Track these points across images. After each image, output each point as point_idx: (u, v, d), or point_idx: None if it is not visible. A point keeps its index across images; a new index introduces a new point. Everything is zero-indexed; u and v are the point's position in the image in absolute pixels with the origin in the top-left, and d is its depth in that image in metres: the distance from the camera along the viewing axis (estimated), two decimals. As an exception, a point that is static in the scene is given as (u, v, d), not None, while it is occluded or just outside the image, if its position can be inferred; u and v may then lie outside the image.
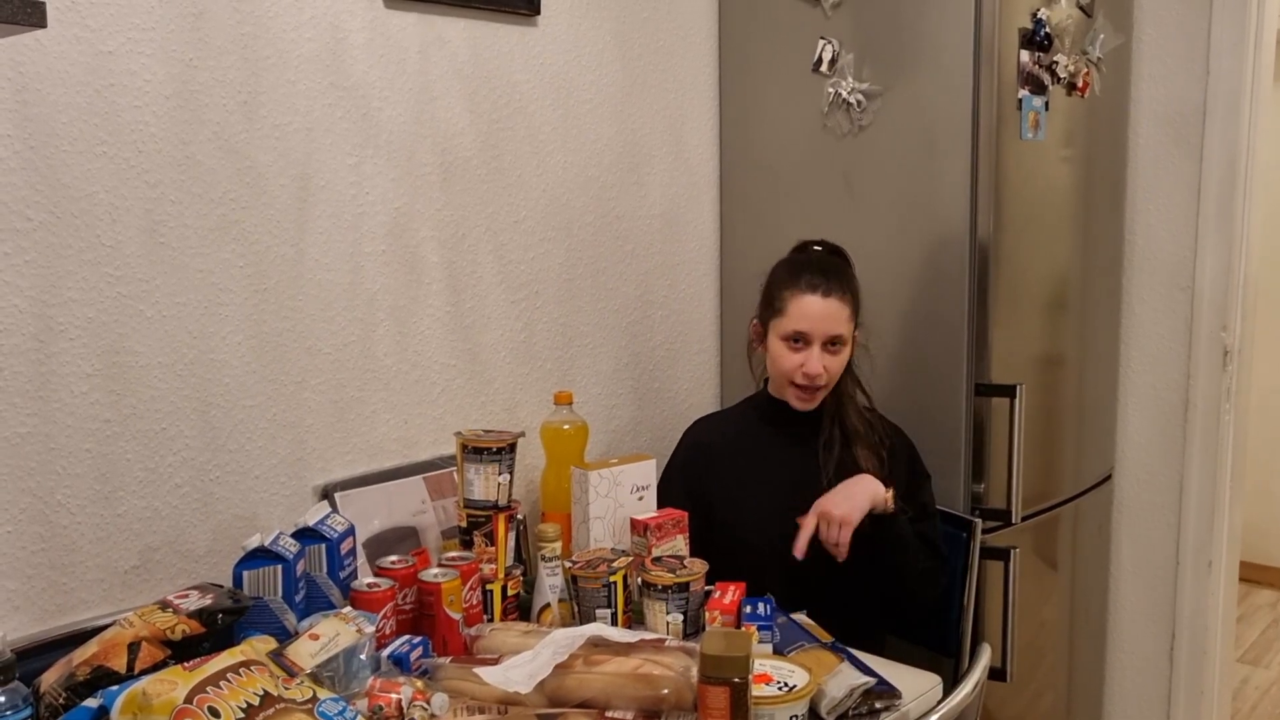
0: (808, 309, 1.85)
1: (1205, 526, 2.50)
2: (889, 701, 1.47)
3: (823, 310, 1.85)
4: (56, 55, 1.47)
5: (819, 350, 1.85)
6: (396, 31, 1.83)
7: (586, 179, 2.16)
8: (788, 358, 1.87)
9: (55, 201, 1.48)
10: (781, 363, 1.89)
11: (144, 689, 1.19)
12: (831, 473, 1.88)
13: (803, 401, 1.90)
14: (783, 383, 1.92)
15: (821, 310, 1.85)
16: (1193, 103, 2.42)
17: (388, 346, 1.87)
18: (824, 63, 2.20)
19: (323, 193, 1.76)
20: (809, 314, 1.85)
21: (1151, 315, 2.51)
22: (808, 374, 1.86)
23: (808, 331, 1.85)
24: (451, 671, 1.42)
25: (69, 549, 1.53)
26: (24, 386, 1.47)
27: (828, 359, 1.86)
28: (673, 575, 1.63)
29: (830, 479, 1.86)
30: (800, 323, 1.86)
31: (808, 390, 1.89)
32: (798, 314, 1.86)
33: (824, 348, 1.86)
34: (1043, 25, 2.08)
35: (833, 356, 1.87)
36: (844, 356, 1.89)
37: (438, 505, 1.90)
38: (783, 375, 1.90)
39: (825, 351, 1.86)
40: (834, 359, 1.87)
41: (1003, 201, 2.07)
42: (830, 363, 1.87)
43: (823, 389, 1.89)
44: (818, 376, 1.86)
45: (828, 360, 1.86)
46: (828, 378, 1.87)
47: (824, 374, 1.86)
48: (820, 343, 1.85)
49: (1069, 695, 2.48)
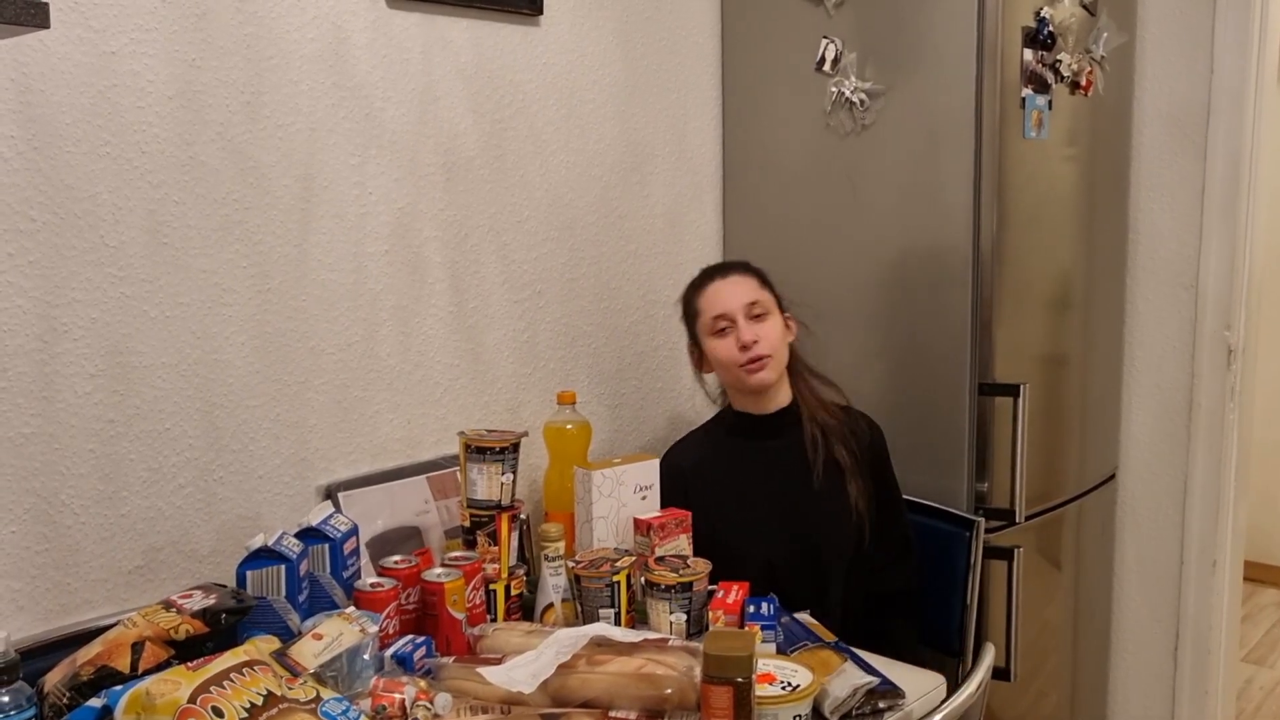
0: (717, 293, 1.92)
1: (1209, 526, 2.49)
2: (892, 701, 1.46)
3: (728, 288, 1.91)
4: (60, 56, 1.47)
5: (744, 320, 1.88)
6: (399, 32, 1.84)
7: (589, 179, 2.16)
8: (722, 345, 1.90)
9: (59, 202, 1.48)
10: (720, 353, 1.91)
11: (148, 689, 1.20)
12: (820, 470, 1.87)
13: (754, 374, 1.89)
14: (733, 377, 1.92)
15: (726, 288, 1.91)
16: (1197, 101, 2.42)
17: (391, 346, 1.88)
18: (827, 62, 2.20)
19: (326, 193, 1.77)
20: (719, 295, 1.91)
21: (1155, 314, 2.51)
22: (743, 344, 1.87)
23: (726, 310, 1.89)
24: (455, 671, 1.42)
25: (73, 549, 1.53)
26: (28, 387, 1.47)
27: (756, 326, 1.89)
28: (676, 575, 1.63)
29: (819, 475, 1.86)
30: (715, 307, 1.91)
31: (753, 363, 1.88)
32: (709, 303, 1.92)
33: (749, 319, 1.88)
34: (1046, 24, 2.08)
35: (760, 324, 1.89)
36: (774, 325, 1.90)
37: (441, 505, 1.90)
38: (728, 366, 1.91)
39: (751, 321, 1.89)
40: (763, 326, 1.89)
41: (1006, 200, 2.07)
42: (761, 329, 1.88)
43: (768, 357, 1.88)
44: (753, 343, 1.87)
45: (757, 327, 1.88)
46: (768, 344, 1.88)
47: (760, 340, 1.87)
48: (742, 315, 1.88)
49: (1073, 695, 2.48)
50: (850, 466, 1.88)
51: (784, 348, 1.92)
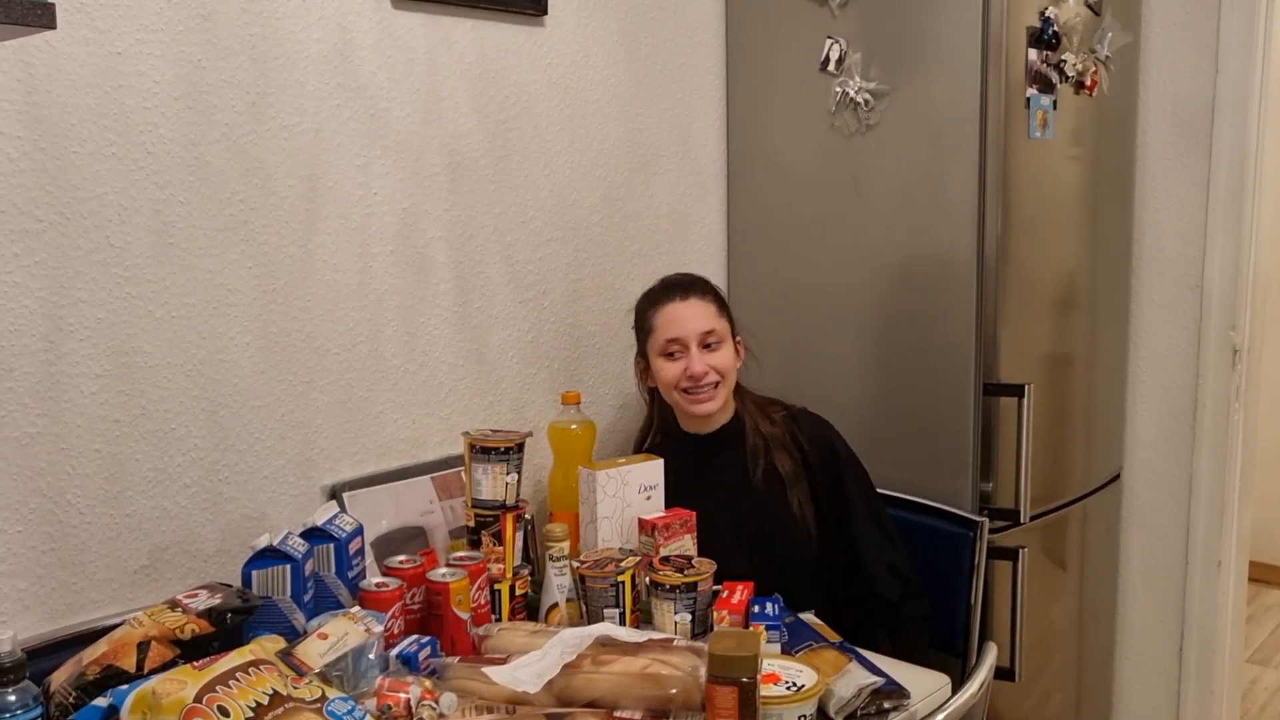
0: (673, 315, 1.89)
1: (1214, 526, 2.49)
2: (897, 701, 1.47)
3: (687, 311, 1.88)
4: (66, 57, 1.47)
5: (696, 350, 1.86)
6: (404, 32, 1.84)
7: (594, 179, 2.16)
8: (670, 368, 1.89)
9: (65, 203, 1.49)
10: (666, 375, 1.89)
11: (154, 688, 1.20)
12: (760, 480, 1.88)
13: (699, 403, 1.88)
14: (676, 399, 1.91)
15: (686, 312, 1.88)
16: (1202, 101, 2.41)
17: (396, 347, 1.88)
18: (831, 62, 2.20)
19: (331, 193, 1.77)
20: (676, 318, 1.88)
21: (1160, 314, 2.50)
22: (692, 375, 1.86)
23: (680, 335, 1.87)
24: (460, 671, 1.43)
25: (78, 548, 1.54)
26: (34, 387, 1.48)
27: (709, 356, 1.87)
28: (681, 575, 1.63)
29: (760, 485, 1.87)
30: (670, 330, 1.88)
31: (698, 391, 1.87)
32: (665, 323, 1.89)
33: (702, 349, 1.87)
34: (1051, 24, 2.08)
35: (713, 354, 1.87)
36: (726, 353, 1.89)
37: (445, 505, 1.91)
38: (671, 387, 1.90)
39: (704, 351, 1.87)
40: (716, 355, 1.87)
41: (1011, 200, 2.07)
42: (713, 359, 1.87)
43: (717, 386, 1.88)
44: (703, 375, 1.86)
45: (710, 358, 1.87)
46: (717, 374, 1.87)
47: (709, 370, 1.86)
48: (696, 343, 1.86)
49: (1078, 695, 2.48)
50: (791, 473, 1.88)
51: (732, 375, 1.91)
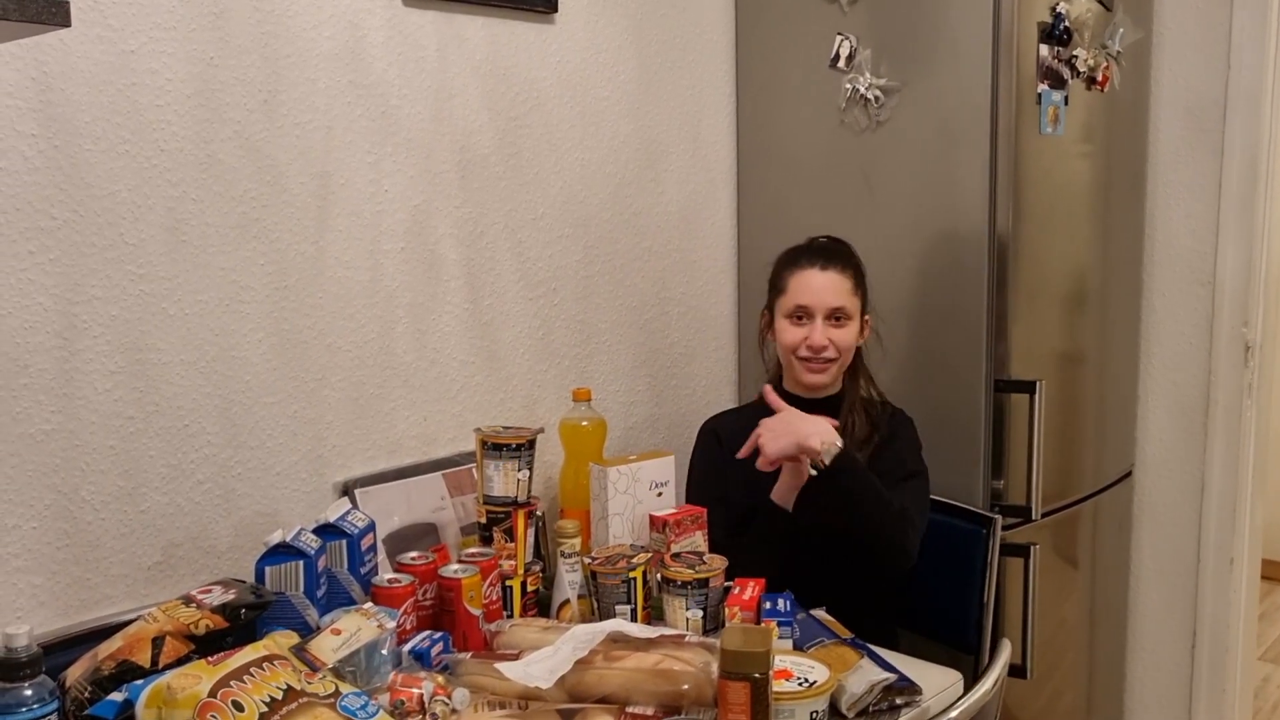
0: (808, 282, 1.88)
1: (1227, 523, 2.48)
2: (909, 697, 1.46)
3: (822, 282, 1.87)
4: (79, 55, 1.48)
5: (821, 323, 1.87)
6: (415, 29, 1.84)
7: (604, 176, 2.16)
8: (792, 332, 1.89)
9: (79, 200, 1.49)
10: (786, 338, 1.90)
11: (169, 683, 1.20)
12: None
13: (813, 373, 1.89)
14: (791, 361, 1.91)
15: (821, 282, 1.87)
16: (1213, 96, 2.40)
17: (407, 344, 1.88)
18: (841, 58, 2.20)
19: (342, 191, 1.77)
20: (810, 286, 1.88)
21: (1172, 311, 2.50)
22: (811, 346, 1.87)
23: (809, 305, 1.87)
24: (472, 667, 1.43)
25: (93, 545, 1.54)
26: (49, 384, 1.48)
27: (833, 331, 1.87)
28: (692, 571, 1.63)
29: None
30: (801, 296, 1.88)
31: (815, 362, 1.88)
32: (798, 288, 1.89)
33: (828, 321, 1.87)
34: (1062, 19, 2.07)
35: (838, 329, 1.88)
36: (850, 331, 1.89)
37: (457, 502, 1.91)
38: (788, 350, 1.90)
39: (829, 325, 1.87)
40: (840, 332, 1.88)
41: (1022, 197, 2.06)
42: (836, 335, 1.87)
43: (833, 362, 1.89)
44: (823, 348, 1.87)
45: (833, 333, 1.87)
46: (835, 350, 1.88)
47: (830, 346, 1.87)
48: (822, 315, 1.87)
49: (1089, 693, 2.47)
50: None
51: (849, 353, 1.91)
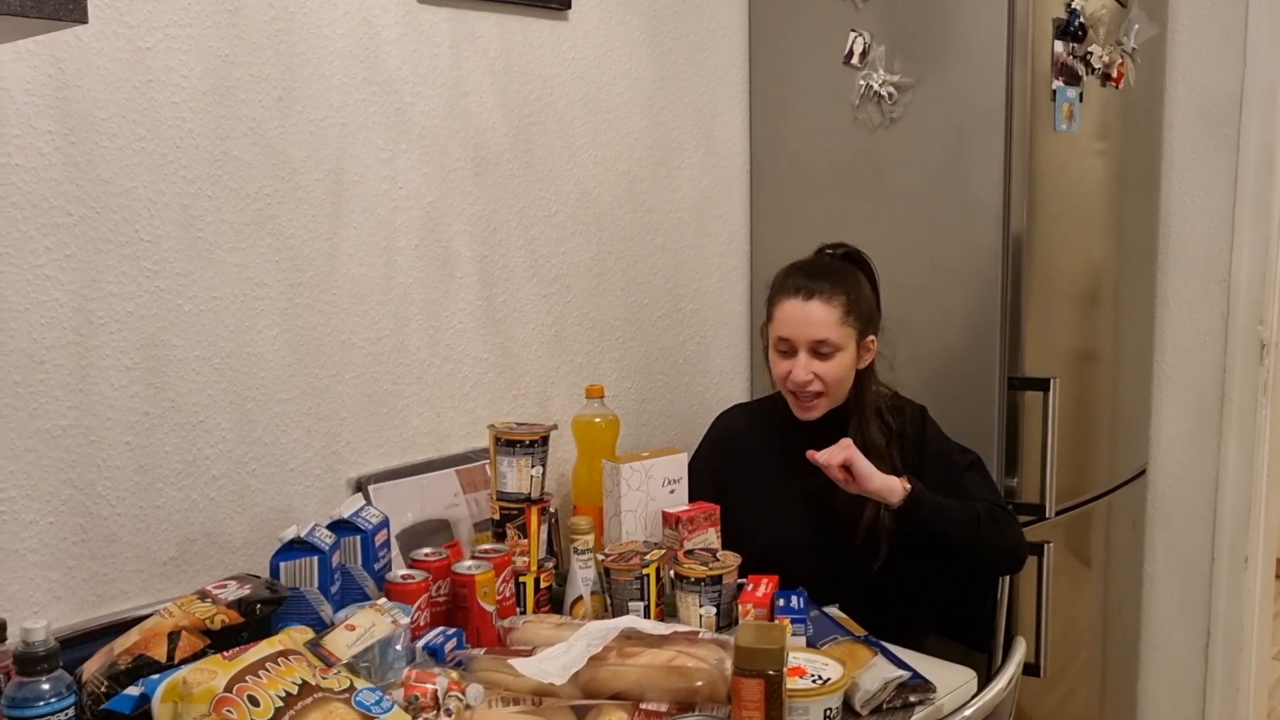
0: (787, 314, 1.79)
1: (1241, 522, 2.47)
2: (923, 695, 1.46)
3: (801, 314, 1.77)
4: (96, 51, 1.48)
5: (805, 356, 1.77)
6: (429, 26, 1.84)
7: (617, 173, 2.16)
8: (778, 365, 1.82)
9: (95, 197, 1.50)
10: (774, 370, 1.84)
11: (185, 678, 1.21)
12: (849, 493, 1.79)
13: (800, 410, 1.83)
14: (783, 392, 1.85)
15: (800, 314, 1.77)
16: (1229, 93, 2.39)
17: (420, 340, 1.88)
18: (855, 55, 2.19)
19: (356, 187, 1.77)
20: (789, 319, 1.79)
21: (1187, 309, 2.49)
22: (794, 382, 1.79)
23: (789, 337, 1.79)
24: (486, 663, 1.43)
25: (109, 540, 1.55)
26: (65, 379, 1.49)
27: (817, 364, 1.77)
28: (706, 568, 1.63)
29: (844, 496, 1.77)
30: (782, 328, 1.80)
31: (801, 397, 1.81)
32: (781, 319, 1.81)
33: (812, 354, 1.78)
34: (1077, 15, 2.06)
35: (823, 362, 1.77)
36: (839, 363, 1.78)
37: (470, 498, 1.91)
38: (779, 383, 1.85)
39: (815, 357, 1.78)
40: (826, 365, 1.77)
41: (1036, 194, 2.05)
42: (822, 369, 1.77)
43: (821, 396, 1.80)
44: (805, 384, 1.78)
45: (818, 366, 1.77)
46: (821, 384, 1.78)
47: (814, 380, 1.78)
48: (805, 349, 1.77)
49: (1103, 692, 2.46)
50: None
51: (841, 385, 1.81)
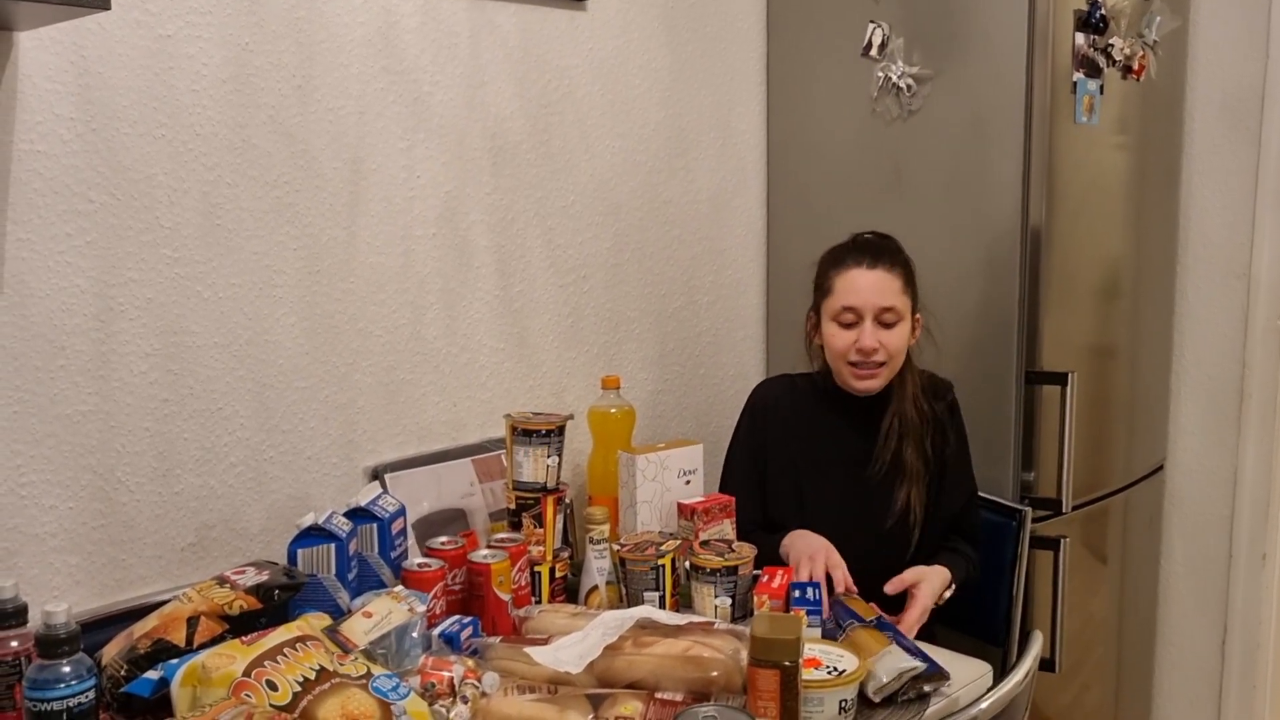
0: (854, 282, 1.79)
1: (1260, 518, 2.45)
2: (937, 684, 1.46)
3: (870, 281, 1.78)
4: (117, 39, 1.49)
5: (871, 325, 1.78)
6: (447, 16, 1.84)
7: (634, 164, 2.16)
8: (840, 336, 1.80)
9: (116, 184, 1.51)
10: (834, 343, 1.81)
11: (203, 662, 1.22)
12: (886, 464, 1.82)
13: (862, 380, 1.81)
14: (840, 366, 1.83)
15: (869, 282, 1.78)
16: (1251, 87, 2.38)
17: (437, 329, 1.89)
18: (873, 47, 2.18)
19: (374, 176, 1.78)
20: (856, 286, 1.79)
21: (1206, 303, 2.47)
22: (861, 349, 1.77)
23: (857, 305, 1.78)
24: (502, 651, 1.44)
25: (128, 525, 1.56)
26: (85, 365, 1.50)
27: (883, 333, 1.78)
28: (721, 559, 1.63)
29: (884, 469, 1.81)
30: (848, 297, 1.79)
31: (864, 367, 1.80)
32: (844, 288, 1.80)
33: (877, 322, 1.78)
34: (1098, 7, 2.05)
35: (888, 330, 1.78)
36: (901, 333, 1.79)
37: (486, 488, 1.92)
38: (838, 356, 1.82)
39: (879, 325, 1.78)
40: (890, 334, 1.78)
41: (1055, 187, 2.04)
42: (886, 337, 1.78)
43: (883, 366, 1.79)
44: (873, 351, 1.77)
45: (883, 335, 1.78)
46: (886, 353, 1.78)
47: (880, 349, 1.77)
48: (871, 316, 1.78)
49: (1118, 688, 2.45)
50: (914, 472, 1.81)
51: (900, 356, 1.82)
